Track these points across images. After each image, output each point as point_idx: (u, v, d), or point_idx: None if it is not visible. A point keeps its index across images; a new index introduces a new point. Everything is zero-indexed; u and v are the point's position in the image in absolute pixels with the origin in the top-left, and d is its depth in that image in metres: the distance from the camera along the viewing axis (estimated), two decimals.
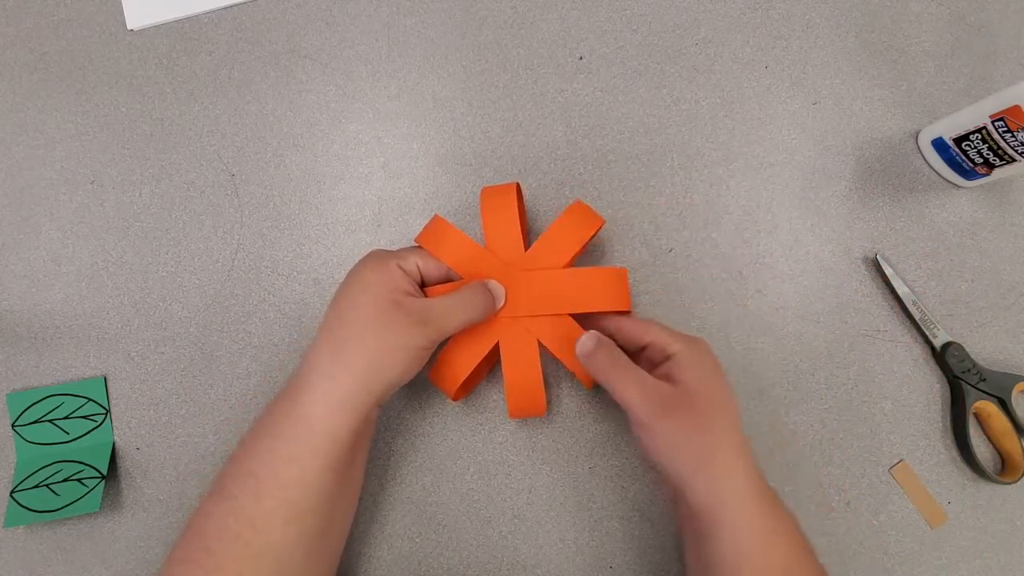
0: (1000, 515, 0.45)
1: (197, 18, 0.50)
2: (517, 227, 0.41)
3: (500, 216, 0.41)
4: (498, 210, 0.41)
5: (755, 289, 0.47)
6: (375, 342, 0.35)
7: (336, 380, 0.35)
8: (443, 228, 0.41)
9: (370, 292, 0.36)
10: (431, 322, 0.36)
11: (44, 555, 0.44)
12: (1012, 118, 0.41)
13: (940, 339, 0.46)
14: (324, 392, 0.35)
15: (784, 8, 0.51)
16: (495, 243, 0.41)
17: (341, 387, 0.34)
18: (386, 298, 0.36)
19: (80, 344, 0.46)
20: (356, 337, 0.35)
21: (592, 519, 0.44)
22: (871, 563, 0.44)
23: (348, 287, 0.37)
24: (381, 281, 0.36)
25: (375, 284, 0.36)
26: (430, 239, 0.41)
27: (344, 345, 0.35)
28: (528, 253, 0.41)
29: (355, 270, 0.38)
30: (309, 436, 0.34)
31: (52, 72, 0.49)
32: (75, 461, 0.44)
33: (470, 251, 0.41)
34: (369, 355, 0.35)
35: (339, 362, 0.35)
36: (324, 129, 0.49)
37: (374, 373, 0.35)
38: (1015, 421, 0.44)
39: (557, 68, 0.50)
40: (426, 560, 0.43)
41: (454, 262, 0.41)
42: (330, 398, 0.34)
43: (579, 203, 0.43)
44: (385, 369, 0.35)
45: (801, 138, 0.49)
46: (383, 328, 0.35)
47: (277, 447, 0.34)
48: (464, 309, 0.38)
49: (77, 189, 0.48)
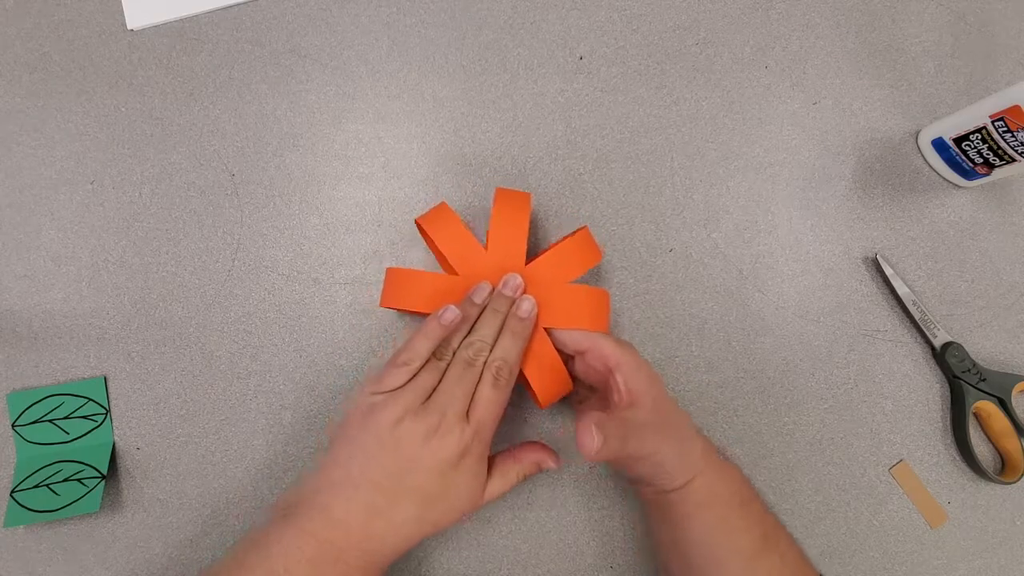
0: (1000, 515, 0.45)
1: (197, 18, 0.50)
2: (524, 239, 0.41)
3: (511, 223, 0.41)
4: (510, 217, 0.41)
5: (755, 289, 0.47)
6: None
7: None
8: (447, 217, 0.41)
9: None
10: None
11: (44, 555, 0.44)
12: (1012, 118, 0.41)
13: (940, 339, 0.46)
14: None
15: (784, 8, 0.51)
16: (498, 247, 0.41)
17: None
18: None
19: (80, 344, 0.46)
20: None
21: (592, 519, 0.44)
22: (871, 563, 0.44)
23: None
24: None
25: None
26: (433, 223, 0.41)
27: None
28: (489, 253, 0.41)
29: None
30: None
31: (52, 72, 0.49)
32: (75, 461, 0.44)
33: (469, 247, 0.41)
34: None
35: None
36: (324, 129, 0.49)
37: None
38: (1015, 421, 0.44)
39: (557, 68, 0.50)
40: (426, 560, 0.43)
41: (450, 252, 0.40)
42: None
43: (586, 231, 0.43)
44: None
45: (801, 138, 0.49)
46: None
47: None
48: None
49: (77, 189, 0.48)
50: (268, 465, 0.45)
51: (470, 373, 0.37)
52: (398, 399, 0.36)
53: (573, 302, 0.40)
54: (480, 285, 0.40)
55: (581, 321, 0.40)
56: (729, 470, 0.40)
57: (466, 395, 0.37)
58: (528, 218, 0.41)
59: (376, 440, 0.35)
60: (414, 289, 0.40)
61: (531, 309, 0.39)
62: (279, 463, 0.45)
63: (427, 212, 0.42)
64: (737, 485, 0.40)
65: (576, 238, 0.42)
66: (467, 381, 0.37)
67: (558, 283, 0.41)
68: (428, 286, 0.40)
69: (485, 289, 0.40)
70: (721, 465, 0.40)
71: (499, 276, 0.40)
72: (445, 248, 0.40)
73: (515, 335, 0.39)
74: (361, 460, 0.35)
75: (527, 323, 0.39)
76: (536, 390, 0.40)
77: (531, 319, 0.39)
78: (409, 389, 0.36)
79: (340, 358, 0.46)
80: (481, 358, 0.38)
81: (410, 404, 0.35)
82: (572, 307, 0.40)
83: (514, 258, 0.41)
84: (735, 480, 0.40)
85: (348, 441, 0.36)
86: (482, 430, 0.36)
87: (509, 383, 0.38)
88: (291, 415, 0.45)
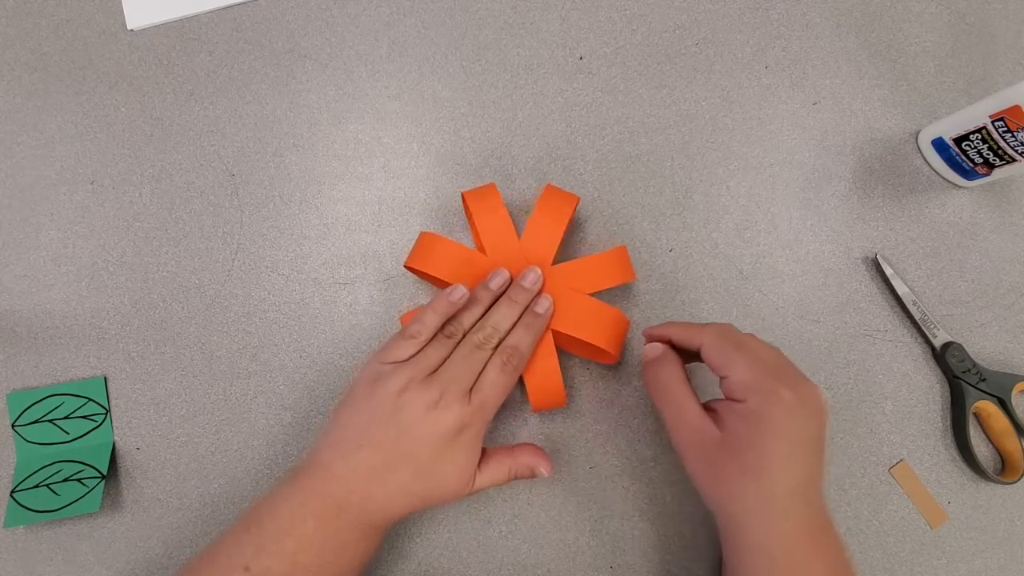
0: (1000, 515, 0.45)
1: (197, 18, 0.50)
2: (559, 238, 0.42)
3: (551, 220, 0.42)
4: (552, 214, 0.42)
5: (755, 289, 0.47)
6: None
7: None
8: (492, 197, 0.42)
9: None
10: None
11: (44, 555, 0.44)
12: (1012, 118, 0.41)
13: (940, 339, 0.46)
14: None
15: (784, 8, 0.51)
16: (532, 240, 0.42)
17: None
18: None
19: (80, 344, 0.46)
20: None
21: (592, 519, 0.44)
22: (871, 563, 0.44)
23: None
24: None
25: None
26: (476, 199, 0.42)
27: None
28: (522, 242, 0.42)
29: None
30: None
31: (52, 72, 0.49)
32: (75, 461, 0.44)
33: (505, 232, 0.41)
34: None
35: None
36: (324, 129, 0.49)
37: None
38: (1015, 421, 0.44)
39: (557, 68, 0.50)
40: (426, 560, 0.43)
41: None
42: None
43: (623, 249, 0.43)
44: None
45: (801, 138, 0.49)
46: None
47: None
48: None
49: (77, 189, 0.48)
50: (268, 465, 0.45)
51: (478, 355, 0.38)
52: (404, 369, 0.37)
53: (588, 314, 0.41)
54: (499, 271, 0.41)
55: (597, 336, 0.40)
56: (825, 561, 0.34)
57: (471, 375, 0.37)
58: (568, 220, 0.42)
59: (380, 407, 0.36)
60: (441, 255, 0.41)
61: (549, 307, 0.40)
62: (279, 463, 0.45)
63: (474, 188, 0.43)
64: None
65: (612, 253, 0.42)
66: (474, 362, 0.38)
67: (579, 292, 0.41)
68: (455, 256, 0.41)
69: (502, 276, 0.41)
70: (817, 555, 0.33)
71: (525, 267, 0.41)
72: (481, 226, 0.41)
73: (529, 328, 0.39)
74: (364, 424, 0.36)
75: (543, 320, 0.40)
76: (529, 393, 0.41)
77: (547, 317, 0.40)
78: (416, 361, 0.37)
79: (340, 358, 0.46)
80: (491, 343, 0.38)
81: (415, 375, 0.36)
82: (586, 318, 0.40)
83: (545, 254, 0.41)
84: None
85: (354, 406, 0.37)
86: (482, 411, 0.37)
87: (516, 371, 0.38)
88: (291, 415, 0.45)
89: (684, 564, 0.43)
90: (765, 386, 0.34)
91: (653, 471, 0.45)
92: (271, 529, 0.35)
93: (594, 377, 0.46)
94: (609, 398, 0.45)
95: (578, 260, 0.42)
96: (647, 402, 0.45)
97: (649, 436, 0.45)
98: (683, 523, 0.44)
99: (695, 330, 0.38)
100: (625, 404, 0.45)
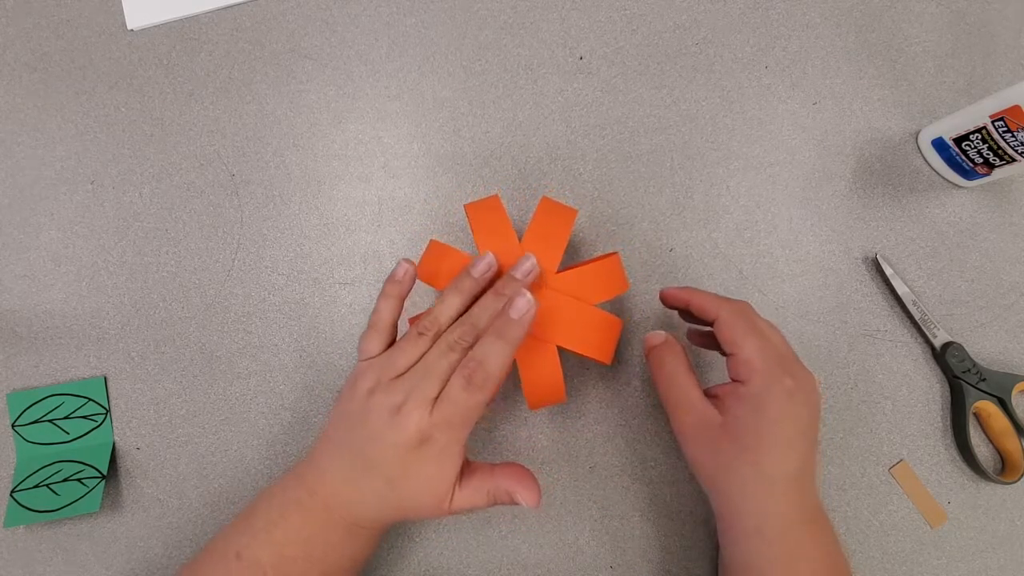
0: (1000, 515, 0.45)
1: (197, 18, 0.50)
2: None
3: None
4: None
5: (755, 289, 0.47)
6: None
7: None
8: (494, 209, 0.40)
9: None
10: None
11: (44, 555, 0.44)
12: (1012, 118, 0.41)
13: (940, 339, 0.46)
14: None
15: (784, 8, 0.51)
16: (534, 252, 0.39)
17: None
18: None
19: (80, 344, 0.46)
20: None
21: (592, 519, 0.44)
22: (871, 563, 0.44)
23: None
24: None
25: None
26: (477, 211, 0.40)
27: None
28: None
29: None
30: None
31: (52, 72, 0.49)
32: (75, 461, 0.44)
33: (507, 243, 0.40)
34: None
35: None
36: (324, 129, 0.49)
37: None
38: (1015, 421, 0.44)
39: (557, 68, 0.50)
40: (426, 560, 0.43)
41: (485, 245, 0.39)
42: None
43: (617, 258, 0.42)
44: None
45: (801, 138, 0.49)
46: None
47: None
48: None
49: (77, 189, 0.48)
50: (268, 465, 0.45)
51: (448, 358, 0.34)
52: (373, 368, 0.36)
53: (585, 324, 0.39)
54: (484, 255, 0.37)
55: (587, 346, 0.39)
56: (817, 548, 0.35)
57: (439, 380, 0.34)
58: (569, 234, 0.40)
59: (354, 407, 0.35)
60: (447, 270, 0.39)
61: (526, 309, 0.34)
62: (279, 463, 0.45)
63: (478, 200, 0.41)
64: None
65: (607, 263, 0.41)
66: (442, 367, 0.34)
67: (575, 302, 0.39)
68: (458, 264, 0.39)
69: (485, 261, 0.37)
70: (809, 541, 0.35)
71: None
72: (481, 240, 0.39)
73: (500, 337, 0.34)
74: (345, 426, 0.36)
75: (518, 326, 0.34)
76: (525, 394, 0.39)
77: (524, 321, 0.34)
78: (383, 359, 0.36)
79: (340, 358, 0.46)
80: (464, 343, 0.35)
81: (381, 375, 0.35)
82: (583, 329, 0.39)
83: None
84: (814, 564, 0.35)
85: (338, 405, 0.37)
86: (448, 427, 0.33)
87: (483, 388, 0.33)
88: (291, 415, 0.45)
89: (684, 564, 0.43)
90: (769, 370, 0.34)
91: (653, 471, 0.45)
92: (264, 519, 0.35)
93: (594, 377, 0.46)
94: (609, 398, 0.45)
95: (570, 271, 0.40)
96: (647, 402, 0.45)
97: (649, 436, 0.45)
98: (683, 523, 0.44)
99: (714, 302, 0.37)
100: (625, 404, 0.45)
